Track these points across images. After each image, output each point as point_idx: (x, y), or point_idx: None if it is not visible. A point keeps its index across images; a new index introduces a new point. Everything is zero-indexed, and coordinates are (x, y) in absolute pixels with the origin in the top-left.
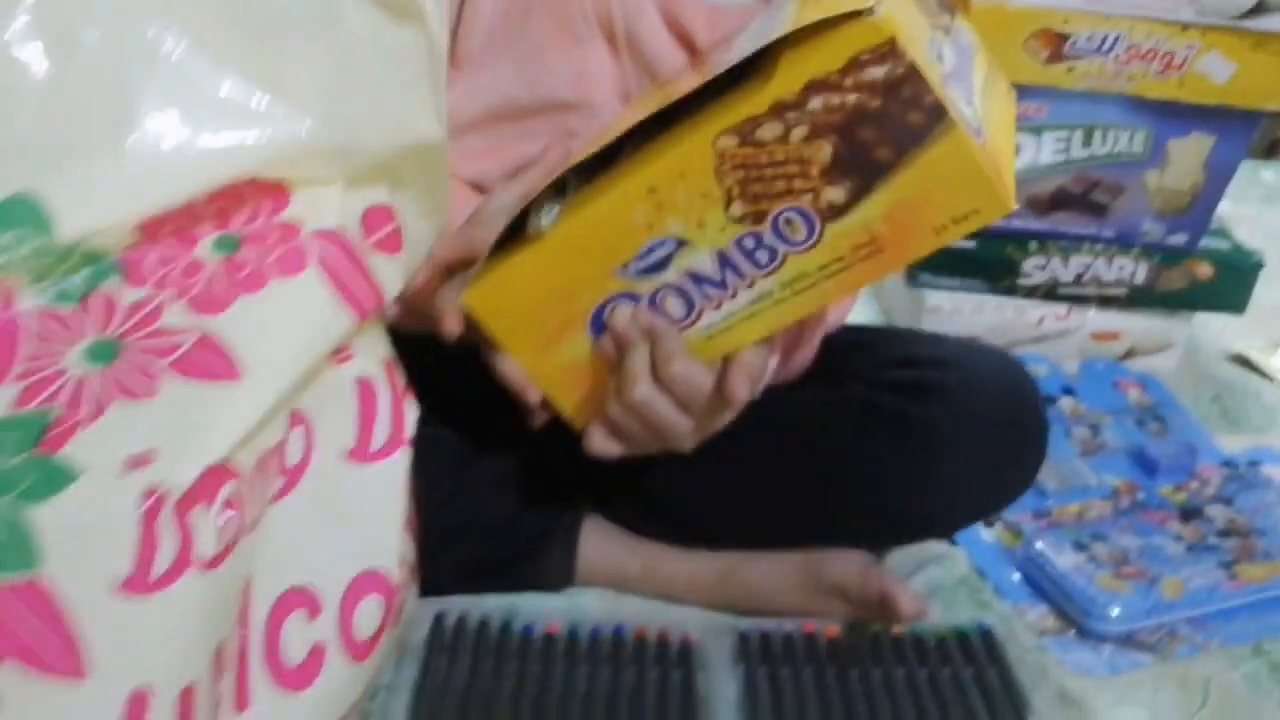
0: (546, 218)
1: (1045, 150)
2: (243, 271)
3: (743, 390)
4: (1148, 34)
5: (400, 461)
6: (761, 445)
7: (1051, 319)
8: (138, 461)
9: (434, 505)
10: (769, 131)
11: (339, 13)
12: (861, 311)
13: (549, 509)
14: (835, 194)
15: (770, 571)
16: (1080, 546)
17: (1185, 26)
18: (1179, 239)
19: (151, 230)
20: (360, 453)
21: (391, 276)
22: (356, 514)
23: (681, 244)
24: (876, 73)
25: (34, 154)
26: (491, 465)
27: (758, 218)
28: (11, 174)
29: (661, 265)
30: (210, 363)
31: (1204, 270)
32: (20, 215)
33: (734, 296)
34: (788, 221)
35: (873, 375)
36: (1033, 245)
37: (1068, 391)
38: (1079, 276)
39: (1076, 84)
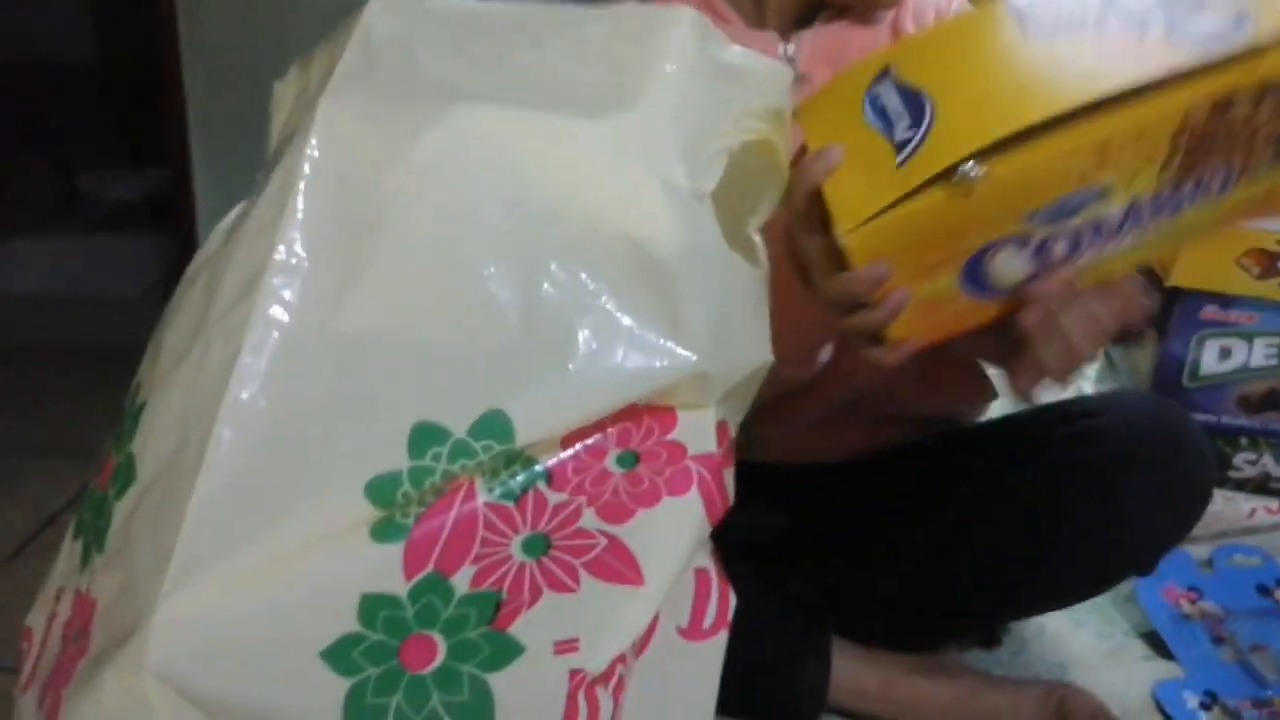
0: (975, 167)
1: (1257, 354)
2: (641, 486)
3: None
4: None
5: (720, 642)
6: (978, 532)
7: (1263, 512)
8: (565, 646)
9: None
10: (1241, 109)
11: (725, 263)
12: None
13: (798, 629)
14: (1262, 158)
15: (1007, 700)
16: None
17: None
18: None
19: (570, 442)
20: (692, 631)
21: (732, 487)
22: (682, 685)
23: (1102, 195)
24: None
25: (504, 376)
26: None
27: (1184, 175)
28: (487, 391)
29: (1071, 213)
30: (620, 568)
31: None
32: (493, 427)
33: (1120, 242)
34: (1207, 180)
35: (1044, 443)
36: (1244, 440)
37: None
38: None
39: None
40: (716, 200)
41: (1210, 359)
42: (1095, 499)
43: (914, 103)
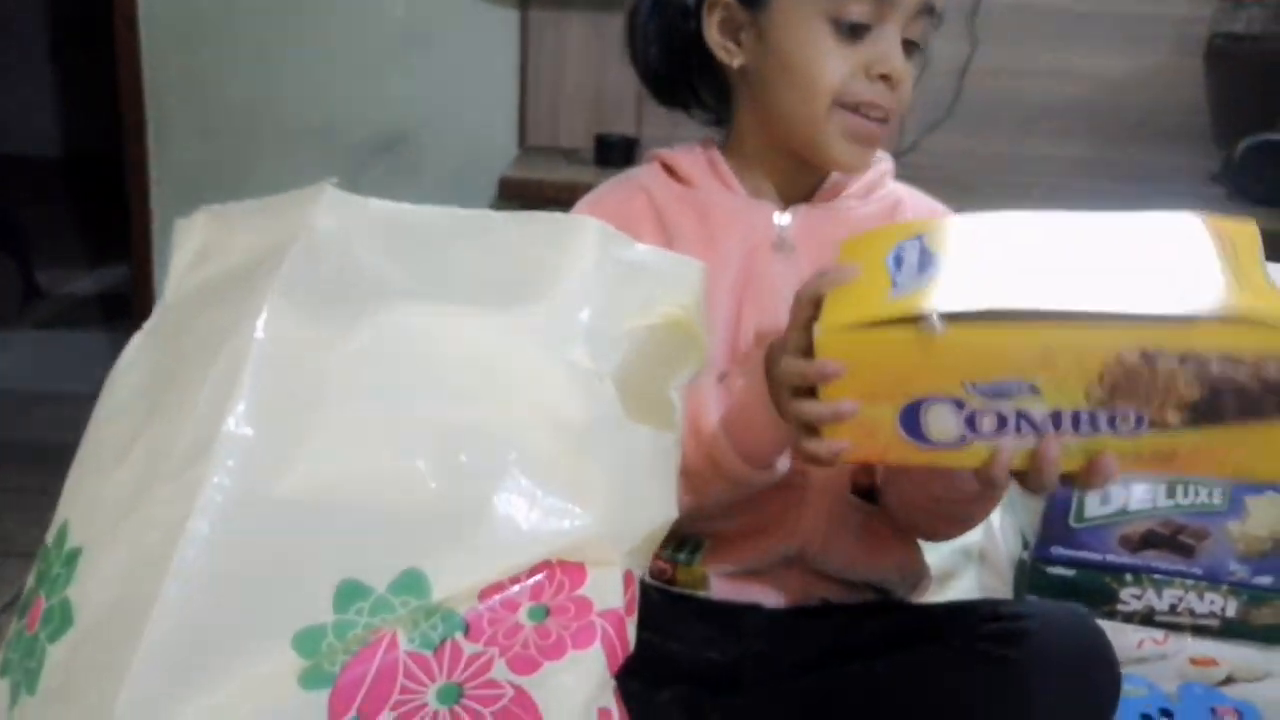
0: (940, 320)
1: (1134, 498)
2: (549, 639)
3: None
4: None
5: None
6: (890, 698)
7: (1150, 643)
8: None
9: None
10: (1166, 364)
11: (626, 432)
12: None
13: None
14: (1173, 417)
15: None
16: None
17: None
18: (1264, 580)
19: (486, 594)
20: None
21: (633, 635)
22: None
23: (1034, 392)
24: (1273, 371)
25: (422, 538)
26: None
27: (1105, 404)
28: (406, 551)
29: (1004, 396)
30: (524, 718)
31: None
32: (411, 584)
33: (1036, 439)
34: (1124, 417)
35: (969, 631)
36: (1128, 577)
37: (1165, 714)
38: (1173, 607)
39: None
40: (629, 374)
41: (1093, 501)
42: (1010, 695)
43: (926, 261)
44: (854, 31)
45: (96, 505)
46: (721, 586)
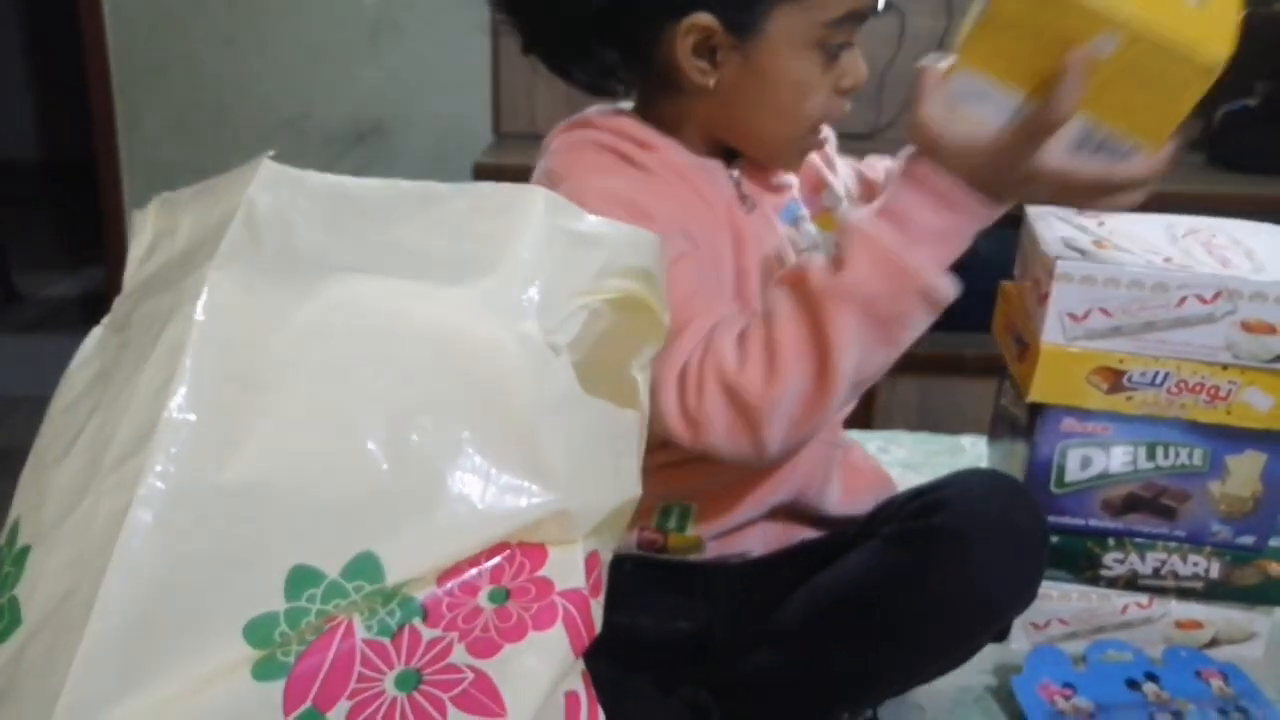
0: None
1: (1115, 462)
2: (509, 621)
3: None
4: (1193, 372)
5: None
6: (842, 603)
7: (1135, 608)
8: None
9: None
10: None
11: (584, 408)
12: None
13: None
14: None
15: None
16: None
17: (1225, 366)
18: (1247, 540)
19: (444, 579)
20: None
21: (599, 616)
22: None
23: None
24: None
25: (374, 520)
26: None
27: None
28: (358, 535)
29: None
30: (485, 701)
31: (1275, 569)
32: (364, 568)
33: None
34: None
35: (894, 517)
36: (1110, 542)
37: (1151, 677)
38: (1156, 570)
39: (1136, 410)
40: (588, 350)
41: (1074, 467)
42: (945, 560)
43: None
44: (836, 52)
45: (44, 500)
46: (713, 546)
